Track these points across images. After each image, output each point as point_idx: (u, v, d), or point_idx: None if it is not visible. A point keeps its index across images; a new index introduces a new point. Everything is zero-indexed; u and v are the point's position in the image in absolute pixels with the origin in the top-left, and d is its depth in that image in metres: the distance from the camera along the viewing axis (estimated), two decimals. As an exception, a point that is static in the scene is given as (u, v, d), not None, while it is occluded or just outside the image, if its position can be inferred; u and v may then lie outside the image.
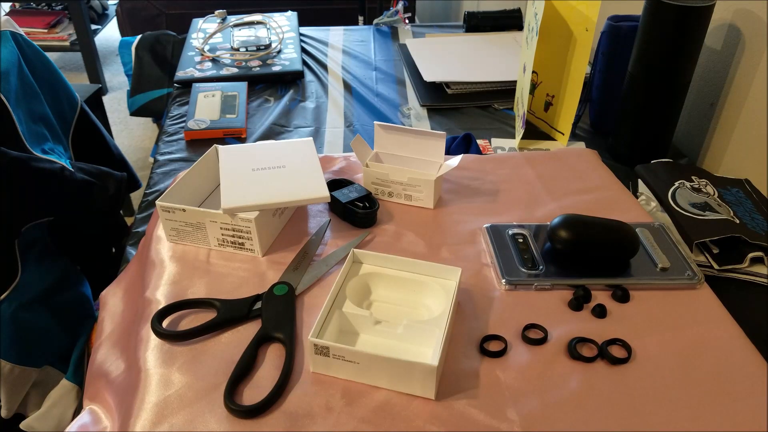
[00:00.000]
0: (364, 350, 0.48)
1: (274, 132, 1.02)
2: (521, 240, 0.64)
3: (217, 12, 1.41)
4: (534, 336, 0.54)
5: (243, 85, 1.11)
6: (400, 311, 0.56)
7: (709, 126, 0.93)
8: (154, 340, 0.53)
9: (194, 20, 1.42)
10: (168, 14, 2.53)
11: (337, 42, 1.40)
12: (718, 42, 0.90)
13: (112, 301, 0.66)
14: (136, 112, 1.82)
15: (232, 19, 1.40)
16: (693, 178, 0.79)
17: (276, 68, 1.20)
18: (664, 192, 0.77)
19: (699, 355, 0.52)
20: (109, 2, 3.17)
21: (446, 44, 1.31)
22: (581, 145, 0.96)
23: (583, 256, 0.60)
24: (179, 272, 0.61)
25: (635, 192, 0.81)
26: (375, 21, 1.49)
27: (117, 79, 2.99)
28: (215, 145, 0.72)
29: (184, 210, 0.62)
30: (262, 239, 0.62)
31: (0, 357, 0.86)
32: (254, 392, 0.49)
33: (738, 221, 0.70)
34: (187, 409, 0.47)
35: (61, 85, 1.08)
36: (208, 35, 1.32)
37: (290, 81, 1.19)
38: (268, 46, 1.26)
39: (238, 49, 1.25)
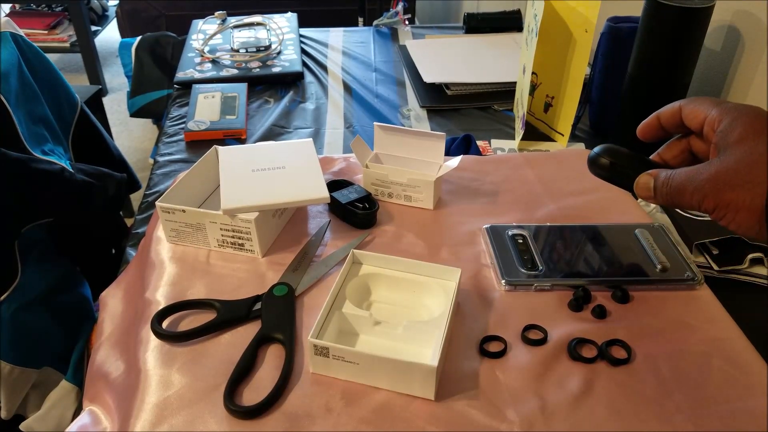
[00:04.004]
0: (363, 351, 0.48)
1: (273, 133, 1.03)
2: (521, 241, 0.64)
3: (216, 13, 1.41)
4: (534, 336, 0.54)
5: (243, 87, 1.11)
6: (399, 312, 0.56)
7: (709, 127, 0.93)
8: (153, 340, 0.53)
9: (194, 21, 1.42)
10: (168, 15, 2.53)
11: (337, 43, 1.40)
12: (718, 43, 0.90)
13: (112, 302, 0.66)
14: (136, 114, 1.83)
15: (232, 20, 1.40)
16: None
17: (276, 69, 1.20)
18: (663, 193, 0.77)
19: (699, 356, 0.52)
20: (109, 3, 3.18)
21: (446, 45, 1.31)
22: (581, 146, 0.96)
23: (623, 186, 0.56)
24: (179, 273, 0.61)
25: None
26: (375, 22, 1.49)
27: (117, 80, 2.99)
28: (215, 146, 0.72)
29: (183, 211, 0.62)
30: (262, 240, 0.62)
31: (0, 358, 0.86)
32: (254, 393, 0.49)
33: (737, 222, 0.70)
34: (187, 410, 0.47)
35: (61, 87, 1.08)
36: (208, 36, 1.32)
37: (290, 82, 1.19)
38: (267, 48, 1.26)
39: (238, 51, 1.25)
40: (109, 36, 3.29)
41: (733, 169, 0.43)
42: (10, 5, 2.90)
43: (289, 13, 1.48)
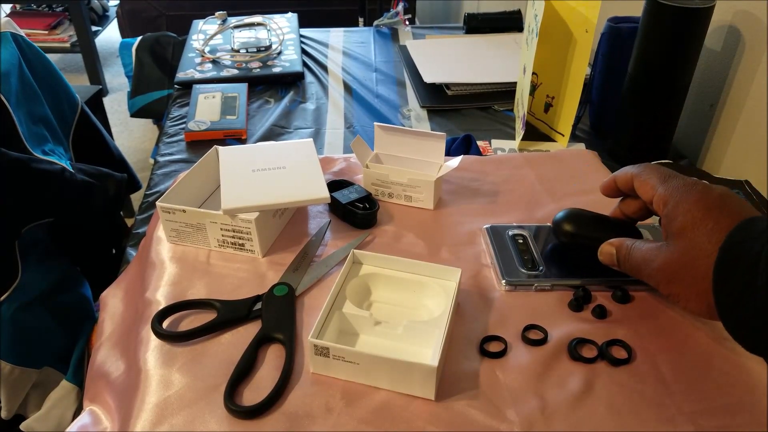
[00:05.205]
0: (364, 351, 0.48)
1: (274, 133, 1.03)
2: (521, 241, 0.64)
3: (217, 13, 1.41)
4: (534, 337, 0.54)
5: (243, 87, 1.11)
6: (400, 312, 0.56)
7: (709, 127, 0.93)
8: (154, 340, 0.53)
9: (194, 22, 1.42)
10: (168, 15, 2.53)
11: (338, 43, 1.40)
12: (718, 43, 0.90)
13: (112, 302, 0.66)
14: (136, 114, 1.83)
15: (233, 20, 1.40)
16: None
17: (276, 69, 1.20)
18: (664, 193, 0.77)
19: (699, 356, 0.52)
20: (110, 3, 3.18)
21: (446, 46, 1.31)
22: (581, 146, 0.96)
23: (586, 250, 0.59)
24: (179, 273, 0.61)
25: (635, 193, 0.81)
26: (375, 22, 1.49)
27: (117, 80, 2.99)
28: (215, 146, 0.72)
29: (184, 211, 0.62)
30: (262, 240, 0.62)
31: (0, 358, 0.86)
32: (254, 393, 0.49)
33: (738, 222, 0.70)
34: (187, 410, 0.47)
35: (62, 87, 1.08)
36: (208, 37, 1.32)
37: (290, 82, 1.19)
38: (268, 48, 1.26)
39: (238, 51, 1.26)
40: (109, 36, 3.29)
41: (677, 263, 0.46)
42: (10, 5, 2.91)
43: (290, 14, 1.48)
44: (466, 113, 1.08)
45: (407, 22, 1.49)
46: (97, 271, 1.04)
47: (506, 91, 1.12)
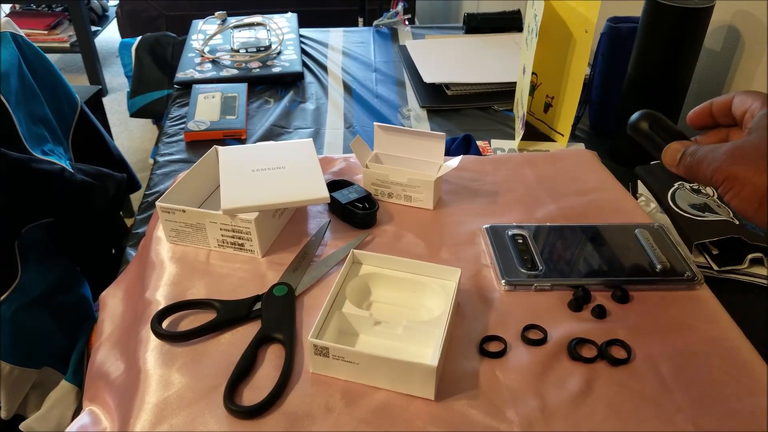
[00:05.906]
0: (363, 351, 0.48)
1: (274, 133, 1.03)
2: (521, 241, 0.64)
3: (217, 13, 1.41)
4: (534, 336, 0.54)
5: (243, 87, 1.11)
6: (399, 312, 0.56)
7: (709, 127, 0.93)
8: (153, 340, 0.53)
9: (194, 22, 1.42)
10: (168, 15, 2.53)
11: (337, 43, 1.40)
12: (718, 43, 0.90)
13: (112, 302, 0.66)
14: (136, 114, 1.82)
15: (232, 20, 1.40)
16: None
17: (276, 69, 1.20)
18: (663, 193, 0.77)
19: (699, 356, 0.52)
20: (109, 4, 3.18)
21: (446, 46, 1.31)
22: (581, 146, 0.96)
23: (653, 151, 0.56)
24: (179, 273, 0.61)
25: (635, 193, 0.81)
26: (375, 22, 1.49)
27: (117, 80, 2.99)
28: (215, 146, 0.72)
29: (183, 211, 0.62)
30: (262, 240, 0.62)
31: (0, 358, 0.86)
32: (254, 393, 0.49)
33: (737, 222, 0.70)
34: (187, 410, 0.47)
35: (61, 87, 1.08)
36: (208, 37, 1.32)
37: (290, 82, 1.19)
38: (268, 48, 1.26)
39: (238, 51, 1.25)
40: (109, 36, 3.29)
41: (751, 145, 0.44)
42: (10, 5, 2.90)
43: (289, 14, 1.48)
44: (466, 113, 1.08)
45: (407, 22, 1.49)
46: (96, 271, 1.04)
47: (506, 91, 1.12)
